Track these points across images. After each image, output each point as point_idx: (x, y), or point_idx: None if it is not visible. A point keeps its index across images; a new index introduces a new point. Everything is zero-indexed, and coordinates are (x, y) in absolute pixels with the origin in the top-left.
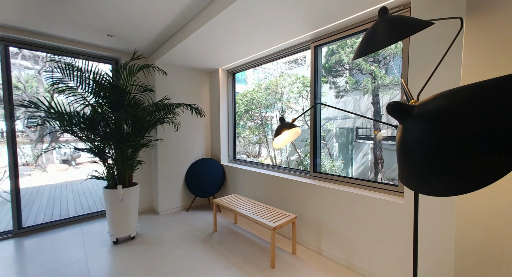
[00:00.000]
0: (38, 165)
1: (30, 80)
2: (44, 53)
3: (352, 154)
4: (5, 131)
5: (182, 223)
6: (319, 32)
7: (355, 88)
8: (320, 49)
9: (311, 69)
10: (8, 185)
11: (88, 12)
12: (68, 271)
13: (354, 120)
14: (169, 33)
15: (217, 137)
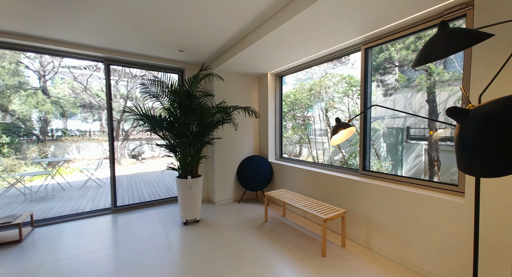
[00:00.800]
0: (115, 159)
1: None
2: (127, 67)
3: (402, 155)
4: (107, 132)
5: (236, 213)
6: (370, 35)
7: (406, 85)
8: (371, 51)
9: (361, 70)
10: (99, 174)
11: (168, 34)
12: (155, 240)
13: (404, 119)
14: (228, 46)
15: (265, 136)
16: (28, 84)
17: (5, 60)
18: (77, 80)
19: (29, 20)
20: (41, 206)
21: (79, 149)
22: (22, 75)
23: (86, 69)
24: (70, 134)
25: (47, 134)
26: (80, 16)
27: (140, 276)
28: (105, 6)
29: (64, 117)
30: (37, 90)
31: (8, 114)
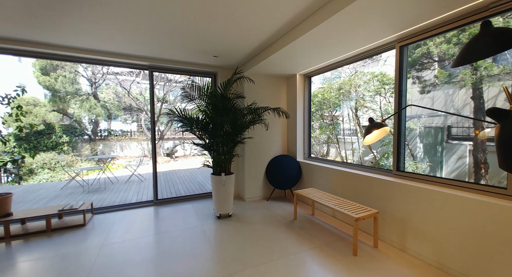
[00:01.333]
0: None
1: (143, 92)
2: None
3: (441, 156)
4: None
5: (265, 209)
6: (406, 32)
7: (447, 81)
8: (407, 49)
9: (396, 68)
10: (140, 170)
11: (205, 42)
12: (193, 231)
13: (445, 117)
14: (259, 49)
15: (293, 136)
16: (82, 90)
17: (65, 70)
18: (121, 85)
19: (87, 35)
20: (97, 197)
21: (122, 147)
22: (78, 82)
23: (128, 75)
24: (114, 134)
25: (97, 134)
26: (129, 32)
27: (181, 261)
28: (151, 21)
29: (110, 119)
30: (90, 96)
31: (67, 117)
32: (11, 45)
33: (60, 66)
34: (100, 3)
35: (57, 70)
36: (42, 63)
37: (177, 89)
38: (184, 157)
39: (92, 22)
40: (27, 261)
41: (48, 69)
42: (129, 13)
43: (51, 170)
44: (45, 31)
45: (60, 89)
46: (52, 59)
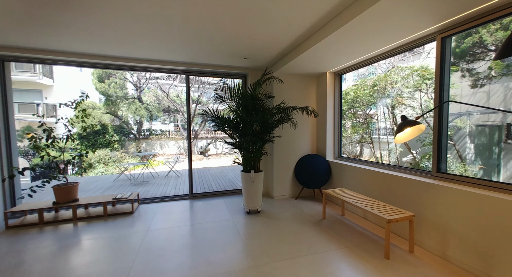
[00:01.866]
0: (187, 154)
1: (179, 94)
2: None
3: (499, 159)
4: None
5: (293, 208)
6: (448, 23)
7: (505, 73)
8: (450, 40)
9: (437, 61)
10: (177, 167)
11: (236, 46)
12: (224, 223)
13: (503, 115)
14: (289, 49)
15: (323, 135)
16: (129, 94)
17: (116, 77)
18: (161, 89)
19: (135, 47)
20: (141, 189)
21: (161, 146)
22: (126, 88)
23: (166, 79)
24: (155, 133)
25: (140, 134)
26: (169, 41)
27: (214, 250)
28: (188, 31)
29: (151, 119)
30: (135, 99)
31: (117, 118)
32: (74, 58)
33: (112, 74)
34: (147, 21)
35: (110, 77)
36: (98, 72)
37: (210, 90)
38: (216, 155)
39: (140, 36)
40: (90, 240)
41: (103, 77)
42: (169, 26)
43: (105, 164)
44: (100, 44)
45: (112, 94)
46: (106, 68)
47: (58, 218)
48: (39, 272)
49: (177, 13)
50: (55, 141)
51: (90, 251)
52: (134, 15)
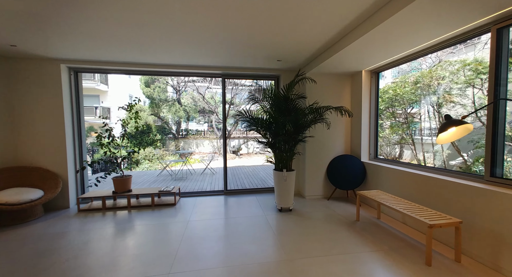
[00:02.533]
0: (220, 153)
1: (214, 96)
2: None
3: None
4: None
5: (325, 208)
6: (502, 13)
7: None
8: (507, 31)
9: (491, 54)
10: (212, 165)
11: (270, 49)
12: (257, 219)
13: None
14: (323, 49)
15: (358, 135)
16: (170, 97)
17: (160, 82)
18: (198, 91)
19: (177, 55)
20: (181, 184)
21: (197, 144)
22: (167, 91)
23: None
24: (191, 133)
25: (179, 133)
26: (207, 48)
27: (248, 242)
28: (224, 37)
29: (188, 120)
30: (175, 101)
31: (159, 119)
32: (128, 67)
33: (156, 79)
34: (189, 33)
35: (155, 82)
36: (145, 78)
37: (242, 92)
38: (248, 154)
39: (184, 45)
40: (141, 225)
41: (149, 82)
42: (208, 35)
43: (149, 161)
44: (146, 54)
45: (156, 97)
46: (153, 74)
47: (116, 205)
48: (103, 248)
49: (215, 24)
50: (114, 139)
51: (143, 235)
52: (177, 29)
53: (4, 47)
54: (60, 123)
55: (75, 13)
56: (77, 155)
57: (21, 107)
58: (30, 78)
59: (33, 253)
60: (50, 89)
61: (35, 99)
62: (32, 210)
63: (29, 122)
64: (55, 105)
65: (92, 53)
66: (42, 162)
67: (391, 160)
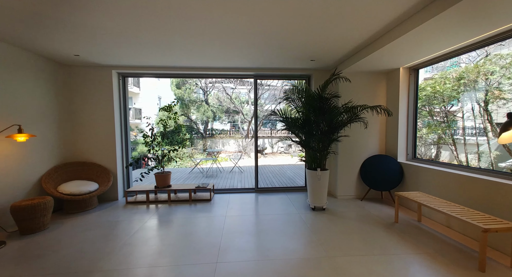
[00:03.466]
0: (246, 153)
1: (239, 96)
2: None
3: None
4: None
5: (359, 208)
6: None
7: None
8: None
9: None
10: (239, 163)
11: (304, 49)
12: (291, 216)
13: None
14: (359, 48)
15: (394, 135)
16: (198, 98)
17: (190, 84)
18: (226, 92)
19: (210, 57)
20: (212, 181)
21: (223, 144)
22: (196, 92)
23: (228, 82)
24: (217, 132)
25: (206, 133)
26: (241, 51)
27: (286, 238)
28: (257, 40)
29: (214, 120)
30: (203, 102)
31: (189, 119)
32: (163, 71)
33: (186, 81)
34: (227, 36)
35: (185, 84)
36: (177, 80)
37: (266, 92)
38: (272, 154)
39: (217, 49)
40: (182, 218)
41: (180, 84)
42: (242, 38)
43: (180, 159)
44: (186, 59)
45: (185, 98)
46: (188, 77)
47: (157, 199)
48: (153, 237)
49: (250, 27)
50: (156, 138)
51: (186, 226)
52: (219, 34)
53: (69, 56)
54: (111, 123)
55: (134, 24)
56: (123, 152)
57: (79, 109)
58: (88, 83)
59: (96, 237)
60: (103, 92)
61: (91, 102)
62: (90, 200)
63: (85, 123)
64: (107, 107)
65: (139, 59)
66: (96, 158)
67: (432, 161)
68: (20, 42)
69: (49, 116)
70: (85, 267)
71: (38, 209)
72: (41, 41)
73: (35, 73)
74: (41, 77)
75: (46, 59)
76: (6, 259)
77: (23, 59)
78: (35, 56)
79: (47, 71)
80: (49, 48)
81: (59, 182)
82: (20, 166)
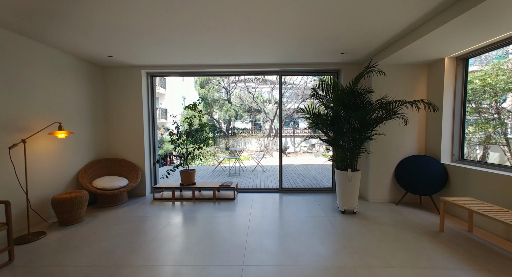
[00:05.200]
0: (268, 152)
1: (261, 95)
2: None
3: None
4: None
5: (396, 214)
6: None
7: None
8: None
9: None
10: (263, 162)
11: (334, 42)
12: (319, 219)
13: None
14: (397, 38)
15: (436, 133)
16: (221, 97)
17: (213, 83)
18: (249, 90)
19: (235, 54)
20: (235, 179)
21: (245, 142)
22: (219, 91)
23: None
24: (239, 131)
25: (228, 131)
26: (266, 46)
27: (315, 242)
28: (285, 33)
29: (236, 119)
30: (225, 101)
31: (212, 118)
32: (190, 69)
33: (210, 80)
34: (247, 32)
35: (209, 83)
36: (201, 79)
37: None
38: (295, 153)
39: (240, 45)
40: (207, 216)
41: (204, 84)
42: (266, 32)
43: (203, 157)
44: (205, 55)
45: (209, 97)
46: (213, 75)
47: (182, 196)
48: (179, 235)
49: (276, 21)
50: (181, 136)
51: (211, 225)
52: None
53: (103, 57)
54: (140, 122)
55: (163, 23)
56: (151, 150)
57: (112, 108)
58: (119, 83)
59: (126, 231)
60: (133, 92)
61: (122, 101)
62: (121, 195)
63: (117, 121)
64: (137, 106)
65: (166, 58)
66: (126, 155)
67: (485, 163)
68: (62, 46)
69: (86, 114)
70: (117, 261)
71: (75, 202)
72: (81, 44)
73: (76, 74)
74: (80, 78)
75: (84, 61)
76: (46, 249)
77: (66, 62)
78: (76, 59)
79: (85, 72)
80: (86, 50)
81: (93, 177)
82: (60, 161)
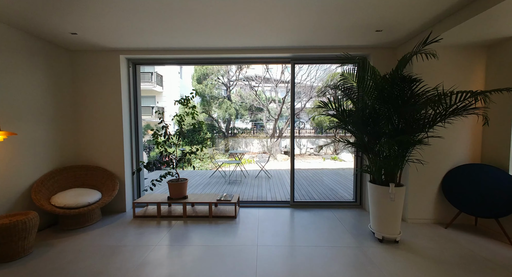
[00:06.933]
0: (271, 154)
1: (263, 94)
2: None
3: None
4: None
5: (452, 243)
6: None
7: None
8: None
9: None
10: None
11: (369, 12)
12: (353, 252)
13: None
14: (449, 13)
15: (502, 136)
16: (221, 94)
17: (211, 78)
18: (251, 88)
19: (234, 33)
20: (236, 189)
21: (246, 144)
22: (218, 88)
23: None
24: (239, 132)
25: (228, 132)
26: (275, 19)
27: None
28: None
29: (236, 118)
30: (225, 98)
31: (210, 117)
32: (182, 55)
33: (208, 75)
34: None
35: (206, 78)
36: (198, 74)
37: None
38: (300, 155)
39: (252, 14)
40: (199, 246)
41: (201, 79)
42: None
43: (200, 160)
44: (206, 36)
45: (207, 94)
46: (211, 63)
47: (171, 213)
48: (165, 272)
49: None
50: (170, 137)
51: (205, 262)
52: None
53: (66, 36)
54: (118, 120)
55: None
56: (133, 155)
57: (83, 103)
58: (93, 72)
59: (84, 274)
60: (109, 83)
61: (95, 94)
62: (90, 214)
63: (89, 119)
64: (114, 101)
65: (148, 39)
66: (101, 161)
67: None
68: (3, 16)
69: (45, 111)
70: None
71: (15, 231)
72: (27, 12)
73: (28, 58)
74: (35, 63)
75: (42, 41)
76: None
77: (11, 39)
78: (29, 36)
79: (43, 55)
80: (39, 23)
81: (54, 191)
82: (3, 172)
